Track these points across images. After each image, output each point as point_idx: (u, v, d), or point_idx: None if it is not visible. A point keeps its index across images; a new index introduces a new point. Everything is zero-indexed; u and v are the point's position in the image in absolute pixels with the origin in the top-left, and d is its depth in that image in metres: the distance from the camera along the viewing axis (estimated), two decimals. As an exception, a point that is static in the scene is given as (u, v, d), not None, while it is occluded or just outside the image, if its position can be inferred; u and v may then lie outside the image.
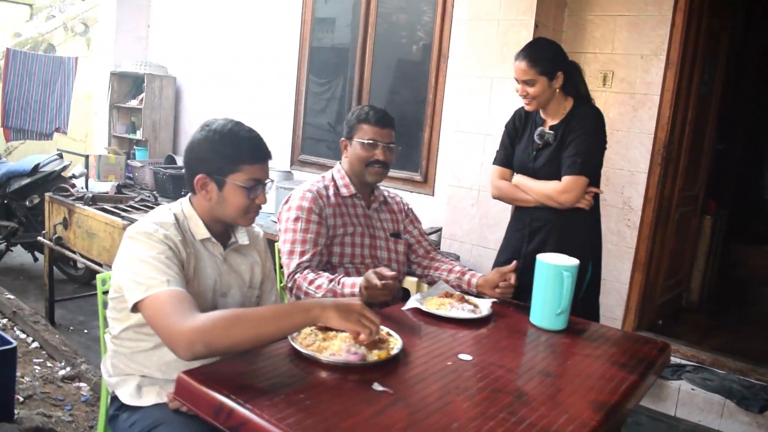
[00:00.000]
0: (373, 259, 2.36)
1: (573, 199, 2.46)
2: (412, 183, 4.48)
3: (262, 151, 1.73)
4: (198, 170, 1.71)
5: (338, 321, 1.47)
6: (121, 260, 1.62)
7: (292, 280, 2.14)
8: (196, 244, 1.74)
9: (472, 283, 2.29)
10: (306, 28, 5.23)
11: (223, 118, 1.75)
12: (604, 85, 3.72)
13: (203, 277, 1.73)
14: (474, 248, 3.82)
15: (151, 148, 6.25)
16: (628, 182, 3.68)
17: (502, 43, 3.63)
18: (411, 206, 2.64)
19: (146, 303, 1.50)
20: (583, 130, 2.47)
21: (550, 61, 2.46)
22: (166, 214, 1.73)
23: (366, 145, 2.29)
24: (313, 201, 2.26)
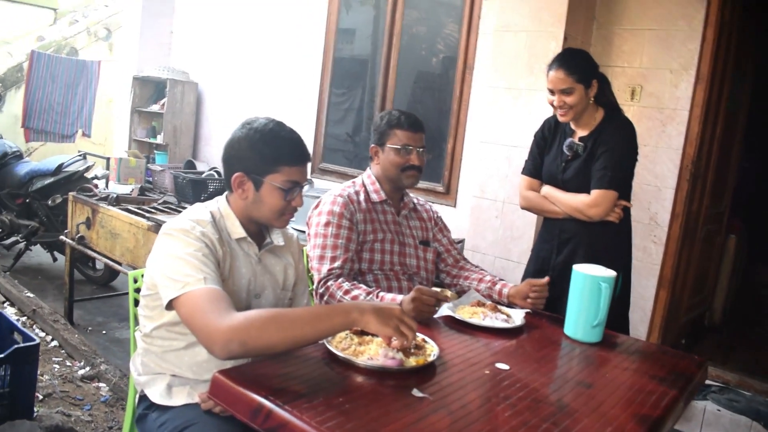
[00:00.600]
0: (402, 267, 2.34)
1: (602, 213, 2.44)
2: (435, 194, 4.46)
3: (302, 152, 1.72)
4: (236, 168, 1.70)
5: (377, 326, 1.44)
6: (156, 257, 1.61)
7: (324, 286, 2.12)
8: (231, 243, 1.72)
9: (503, 293, 2.26)
10: (330, 38, 5.25)
11: (265, 117, 1.74)
12: (632, 99, 3.68)
13: (238, 277, 1.72)
14: (497, 260, 3.79)
15: (171, 152, 6.27)
16: (654, 198, 3.64)
17: (530, 54, 3.61)
18: (440, 214, 2.62)
19: (182, 300, 1.48)
20: (614, 142, 2.45)
21: (586, 69, 2.45)
22: (203, 211, 1.72)
23: (401, 150, 2.27)
24: (345, 206, 2.25)
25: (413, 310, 1.91)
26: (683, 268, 3.87)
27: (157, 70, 6.26)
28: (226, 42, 6.17)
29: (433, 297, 1.92)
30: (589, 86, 2.45)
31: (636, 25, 3.67)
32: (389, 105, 4.83)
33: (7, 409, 2.52)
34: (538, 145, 2.69)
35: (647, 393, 1.61)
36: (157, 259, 1.59)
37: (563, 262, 2.57)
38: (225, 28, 6.17)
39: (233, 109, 6.10)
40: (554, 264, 2.59)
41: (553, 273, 2.59)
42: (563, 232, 2.58)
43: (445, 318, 2.00)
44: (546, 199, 2.60)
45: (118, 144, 6.79)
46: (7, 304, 4.15)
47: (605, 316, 1.91)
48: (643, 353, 1.94)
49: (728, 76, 3.85)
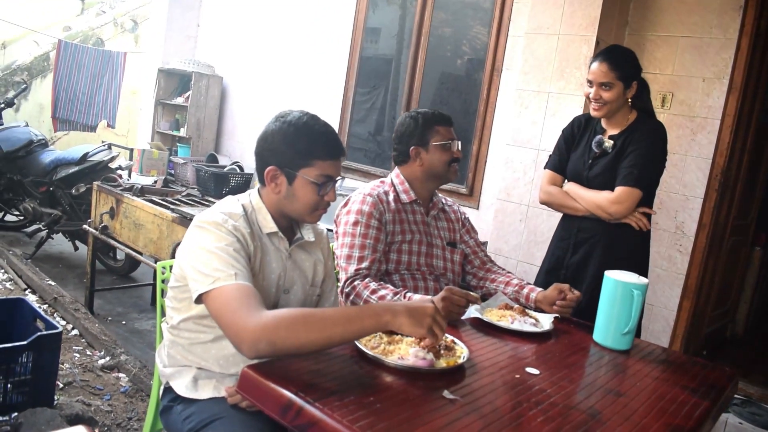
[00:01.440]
0: (429, 267, 2.32)
1: (624, 210, 2.41)
2: (458, 195, 4.44)
3: (336, 147, 1.71)
4: (269, 162, 1.69)
5: (411, 328, 1.41)
6: (186, 249, 1.60)
7: (350, 286, 2.11)
8: (263, 237, 1.71)
9: (530, 298, 2.24)
10: (357, 36, 5.25)
11: (299, 111, 1.73)
12: (663, 106, 3.64)
13: (268, 272, 1.71)
14: (520, 264, 3.76)
15: (193, 145, 6.30)
16: (682, 207, 3.60)
17: (562, 58, 3.59)
18: (467, 216, 2.61)
19: (212, 295, 1.47)
20: (645, 143, 2.43)
21: (630, 68, 2.45)
22: (234, 204, 1.71)
23: (448, 146, 2.29)
24: (374, 206, 2.24)
25: (443, 309, 1.89)
26: (708, 279, 3.82)
27: (182, 63, 6.29)
28: (252, 37, 6.19)
29: (464, 298, 1.90)
30: (628, 86, 2.44)
31: (669, 32, 3.64)
32: (415, 105, 4.82)
33: (29, 396, 2.53)
34: (566, 141, 2.67)
35: (679, 403, 1.58)
36: (189, 251, 1.58)
37: (578, 262, 2.55)
38: (252, 23, 6.19)
39: (257, 104, 6.11)
40: (568, 263, 2.58)
41: (566, 272, 2.58)
42: (581, 231, 2.56)
43: (472, 320, 1.98)
44: (567, 195, 2.58)
45: (142, 135, 6.84)
46: (29, 291, 4.19)
47: (636, 324, 1.89)
48: (673, 363, 1.91)
49: (762, 86, 3.80)
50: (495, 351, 1.75)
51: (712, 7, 3.49)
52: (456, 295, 1.89)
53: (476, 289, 2.47)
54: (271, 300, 1.72)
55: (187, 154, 6.24)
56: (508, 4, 4.21)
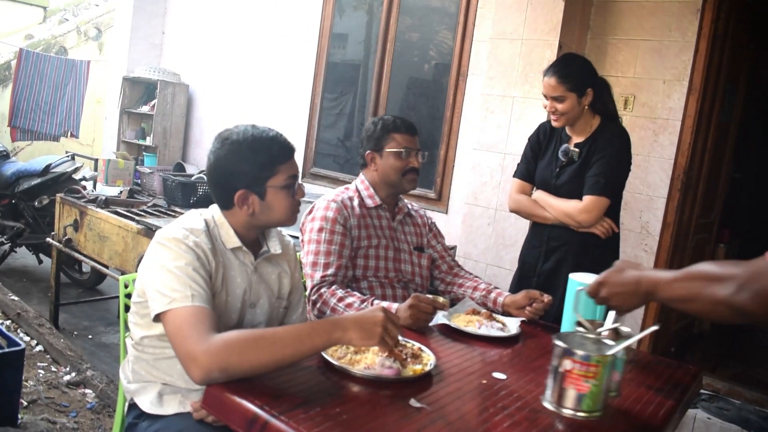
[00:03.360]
0: (397, 273, 2.32)
1: (592, 219, 2.44)
2: (426, 200, 4.45)
3: (289, 146, 1.72)
4: (235, 186, 1.66)
5: (362, 340, 1.43)
6: (147, 266, 1.58)
7: (317, 293, 2.10)
8: (226, 252, 1.70)
9: (498, 302, 2.25)
10: (324, 42, 5.24)
11: (235, 127, 1.71)
12: (625, 108, 3.70)
13: (233, 287, 1.69)
14: (489, 267, 3.78)
15: (160, 155, 6.22)
16: (646, 207, 3.66)
17: (526, 62, 3.62)
18: (434, 220, 2.61)
19: (167, 317, 1.46)
20: (609, 150, 2.46)
21: (580, 78, 2.46)
22: (197, 219, 1.69)
23: (401, 153, 2.27)
24: (338, 211, 2.23)
25: (410, 317, 1.89)
26: (674, 278, 3.88)
27: (147, 71, 6.22)
28: (218, 44, 6.14)
29: (431, 305, 1.91)
30: (582, 94, 2.46)
31: (630, 35, 3.69)
32: (382, 111, 4.82)
33: (-9, 415, 2.47)
34: (533, 149, 2.69)
35: (645, 403, 1.61)
36: (148, 268, 1.57)
37: (550, 269, 2.57)
38: (217, 30, 6.15)
39: (224, 111, 6.07)
40: (540, 270, 2.60)
41: (539, 279, 2.60)
42: (551, 240, 2.58)
43: (440, 326, 1.98)
44: (536, 203, 2.60)
45: (107, 145, 6.74)
46: (-8, 306, 4.09)
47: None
48: (639, 363, 1.93)
49: (721, 87, 3.88)
50: (462, 357, 1.75)
51: (671, 11, 3.55)
52: (423, 303, 1.89)
53: (444, 294, 2.47)
54: (236, 315, 1.70)
55: (154, 164, 6.16)
56: (473, 9, 4.24)
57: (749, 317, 1.20)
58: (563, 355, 1.42)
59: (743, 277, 1.19)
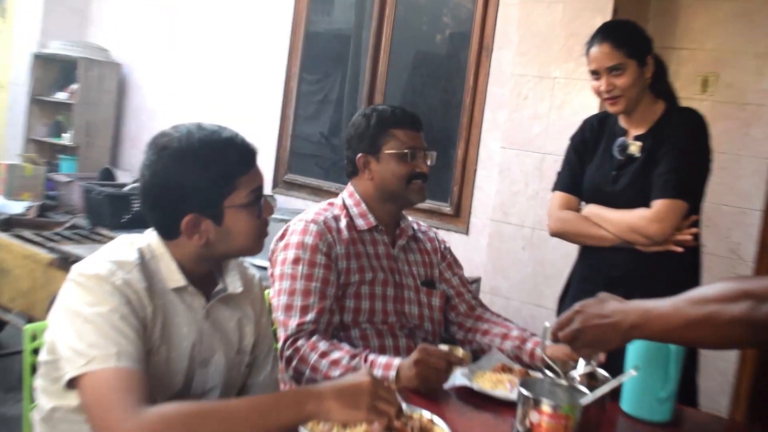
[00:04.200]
0: (399, 317, 2.32)
1: (667, 229, 2.44)
2: (440, 216, 4.46)
3: (249, 149, 1.71)
4: (182, 211, 1.64)
5: (343, 413, 1.44)
6: (59, 312, 1.57)
7: (292, 347, 2.09)
8: (167, 293, 1.68)
9: (536, 355, 2.24)
10: (302, 6, 5.27)
11: (174, 129, 1.68)
12: (704, 91, 3.71)
13: (177, 340, 1.68)
14: (524, 307, 3.77)
15: (82, 157, 6.24)
16: (736, 223, 3.65)
17: (569, 33, 3.64)
18: (449, 245, 2.61)
19: (84, 382, 1.44)
20: (681, 140, 2.48)
21: (639, 40, 2.51)
22: (127, 249, 1.67)
23: (406, 155, 2.28)
24: (320, 236, 2.23)
25: (417, 376, 1.89)
26: (775, 318, 3.87)
27: (65, 47, 6.25)
28: (161, 11, 6.18)
29: (444, 359, 1.90)
30: (644, 63, 2.49)
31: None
32: (379, 97, 4.84)
33: None
34: (577, 152, 2.70)
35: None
36: (61, 316, 1.55)
37: None
38: (158, -9, 6.19)
39: (169, 99, 6.09)
40: None
41: None
42: (613, 268, 2.57)
43: (458, 389, 1.97)
44: (587, 221, 2.59)
45: (10, 146, 6.75)
46: None
47: (676, 387, 1.91)
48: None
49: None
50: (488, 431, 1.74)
51: (764, -41, 3.58)
52: (434, 357, 1.89)
53: (464, 345, 2.46)
54: (181, 378, 1.69)
55: (74, 170, 6.17)
56: (498, -39, 4.28)
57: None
58: (530, 406, 1.49)
59: (760, 291, 1.39)
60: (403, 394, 1.84)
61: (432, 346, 1.95)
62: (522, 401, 1.51)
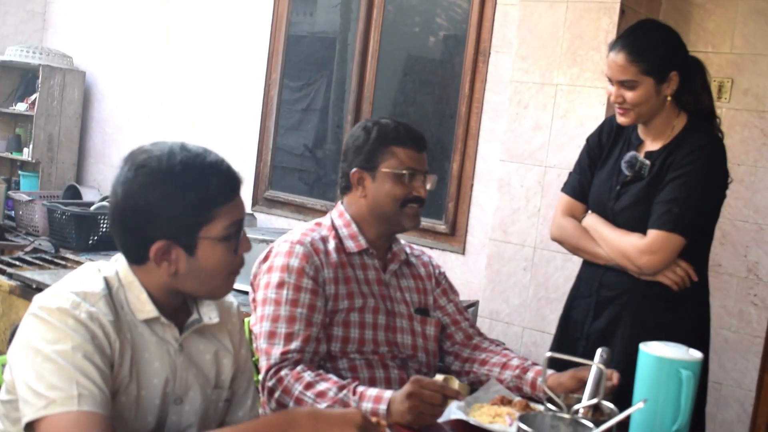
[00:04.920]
0: (391, 347, 2.34)
1: (658, 264, 2.46)
2: (434, 235, 4.48)
3: (234, 177, 1.70)
4: (151, 235, 1.64)
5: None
6: (19, 349, 1.56)
7: (275, 377, 2.10)
8: (137, 326, 1.69)
9: (538, 386, 2.27)
10: (282, 8, 5.29)
11: (156, 146, 1.67)
12: (720, 98, 3.75)
13: (148, 376, 1.68)
14: (526, 333, 3.80)
15: (44, 174, 6.24)
16: (754, 240, 3.69)
17: (573, 34, 3.68)
18: (444, 270, 2.64)
19: (42, 426, 1.45)
20: (690, 167, 2.46)
21: (662, 55, 2.47)
22: (93, 278, 1.67)
23: (404, 176, 2.30)
24: (306, 258, 2.25)
25: (410, 411, 1.90)
26: (798, 343, 3.92)
27: (24, 53, 6.24)
28: (128, 13, 6.19)
29: (439, 392, 1.92)
30: (663, 80, 2.47)
31: (724, -8, 3.78)
32: (367, 105, 4.86)
33: None
34: (591, 155, 2.72)
35: None
36: (20, 354, 1.55)
37: (601, 330, 2.59)
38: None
39: (138, 111, 6.10)
40: (589, 331, 2.62)
41: (586, 343, 2.61)
42: (604, 288, 2.60)
43: (454, 423, 1.99)
44: (585, 233, 2.62)
45: (-35, 162, 6.75)
46: None
47: (689, 419, 1.92)
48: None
49: None
50: (487, 468, 1.77)
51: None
52: (427, 389, 1.91)
53: (460, 376, 2.49)
54: (154, 416, 1.70)
55: (35, 188, 6.17)
56: (496, -42, 4.32)
57: None
58: None
59: None
60: (394, 429, 1.88)
61: (426, 378, 1.97)
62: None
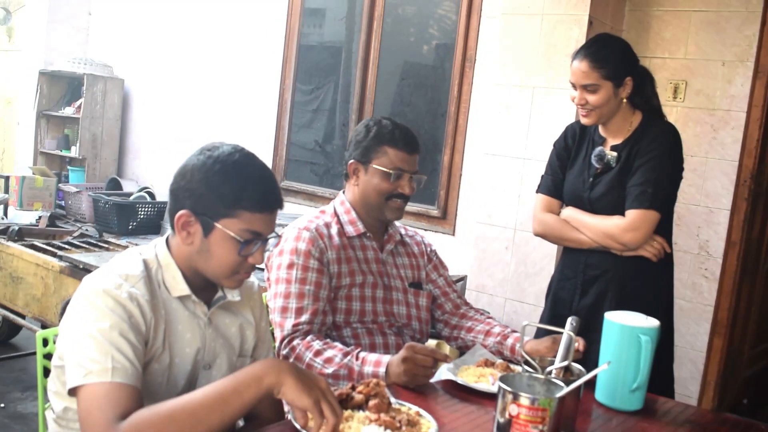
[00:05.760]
0: (389, 317, 2.35)
1: (640, 238, 2.47)
2: (428, 219, 4.49)
3: (270, 197, 1.69)
4: (183, 204, 1.67)
5: (294, 392, 1.44)
6: (68, 324, 1.59)
7: (288, 346, 2.12)
8: (171, 302, 1.71)
9: (516, 350, 2.28)
10: (294, 20, 5.30)
11: (232, 145, 1.71)
12: (675, 98, 3.76)
13: (181, 346, 1.70)
14: (508, 303, 3.81)
15: (89, 168, 6.25)
16: (705, 222, 3.70)
17: (548, 43, 3.68)
18: (434, 247, 2.64)
19: (81, 393, 1.48)
20: (655, 152, 2.49)
21: (618, 63, 2.49)
22: (135, 261, 1.69)
23: (390, 175, 2.30)
24: (312, 242, 2.26)
25: (405, 373, 1.92)
26: (743, 310, 3.93)
27: (70, 63, 6.25)
28: (160, 26, 6.19)
29: (430, 356, 1.93)
30: (620, 84, 2.49)
31: (679, 5, 3.76)
32: (368, 106, 4.87)
33: None
34: (560, 157, 2.73)
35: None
36: (69, 328, 1.59)
37: (589, 306, 2.60)
38: (159, 9, 6.20)
39: (170, 112, 6.10)
40: (577, 308, 2.62)
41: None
42: (589, 268, 2.61)
43: (444, 383, 2.00)
44: (567, 224, 2.63)
45: (21, 158, 6.76)
46: None
47: (647, 377, 1.94)
48: (696, 424, 1.95)
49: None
50: (473, 422, 1.78)
51: (729, -28, 3.62)
52: (420, 354, 1.92)
53: (450, 341, 2.50)
54: (185, 380, 1.72)
55: (82, 180, 6.18)
56: (480, -24, 4.31)
57: None
58: (509, 400, 1.53)
59: None
60: (392, 389, 1.89)
61: (419, 344, 1.98)
62: (502, 395, 1.54)
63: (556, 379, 1.65)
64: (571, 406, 1.71)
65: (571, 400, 1.68)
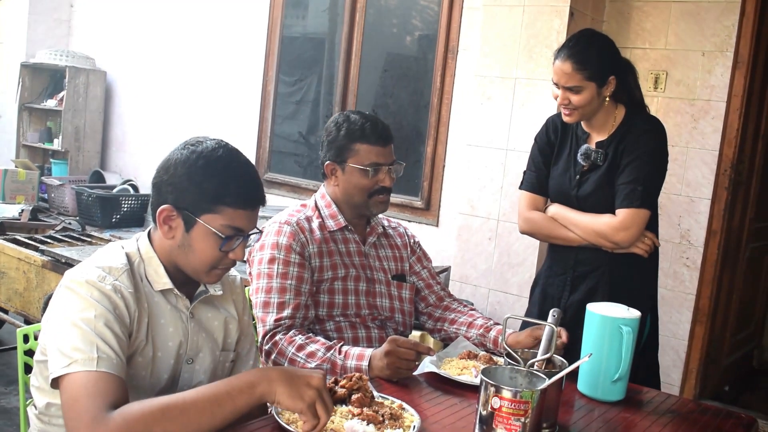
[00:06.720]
0: (372, 310, 2.34)
1: (632, 237, 2.44)
2: (411, 210, 4.48)
3: (253, 194, 1.69)
4: (165, 198, 1.67)
5: (288, 399, 1.44)
6: (51, 316, 1.58)
7: (271, 342, 2.12)
8: (153, 296, 1.70)
9: (499, 343, 2.27)
10: (277, 12, 5.27)
11: (215, 140, 1.70)
12: (656, 88, 3.76)
13: (163, 339, 1.69)
14: (492, 293, 3.81)
15: (72, 161, 6.21)
16: (686, 211, 3.71)
17: (529, 34, 3.67)
18: (418, 239, 2.63)
19: (64, 382, 1.46)
20: (642, 149, 2.45)
21: (602, 63, 2.43)
22: (117, 254, 1.69)
23: (368, 171, 2.28)
24: (293, 236, 2.24)
25: (388, 367, 1.91)
26: (724, 298, 3.94)
27: (52, 56, 6.20)
28: (142, 19, 6.15)
29: (413, 349, 1.92)
30: (603, 84, 2.44)
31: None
32: (351, 97, 4.85)
33: None
34: (543, 152, 2.68)
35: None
36: (52, 319, 1.57)
37: (579, 302, 2.56)
38: (142, 0, 6.15)
39: (153, 104, 6.06)
40: (567, 304, 2.60)
41: (565, 315, 2.59)
42: (580, 264, 2.58)
43: (427, 375, 2.00)
44: (555, 222, 2.59)
45: (2, 152, 6.70)
46: None
47: (628, 368, 1.94)
48: (678, 413, 1.96)
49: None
50: (456, 414, 1.77)
51: (709, -36, 3.63)
52: (403, 347, 1.91)
53: (433, 333, 2.49)
54: (168, 375, 1.71)
55: (65, 173, 6.14)
56: (461, -33, 4.30)
57: None
58: (491, 392, 1.52)
59: None
60: (375, 382, 1.88)
61: (401, 338, 1.97)
62: (484, 388, 1.53)
63: (538, 372, 1.65)
64: (553, 398, 1.71)
65: (553, 391, 1.67)
